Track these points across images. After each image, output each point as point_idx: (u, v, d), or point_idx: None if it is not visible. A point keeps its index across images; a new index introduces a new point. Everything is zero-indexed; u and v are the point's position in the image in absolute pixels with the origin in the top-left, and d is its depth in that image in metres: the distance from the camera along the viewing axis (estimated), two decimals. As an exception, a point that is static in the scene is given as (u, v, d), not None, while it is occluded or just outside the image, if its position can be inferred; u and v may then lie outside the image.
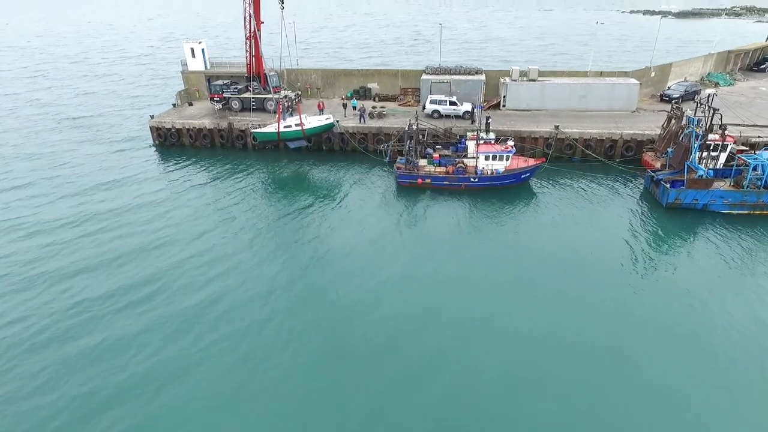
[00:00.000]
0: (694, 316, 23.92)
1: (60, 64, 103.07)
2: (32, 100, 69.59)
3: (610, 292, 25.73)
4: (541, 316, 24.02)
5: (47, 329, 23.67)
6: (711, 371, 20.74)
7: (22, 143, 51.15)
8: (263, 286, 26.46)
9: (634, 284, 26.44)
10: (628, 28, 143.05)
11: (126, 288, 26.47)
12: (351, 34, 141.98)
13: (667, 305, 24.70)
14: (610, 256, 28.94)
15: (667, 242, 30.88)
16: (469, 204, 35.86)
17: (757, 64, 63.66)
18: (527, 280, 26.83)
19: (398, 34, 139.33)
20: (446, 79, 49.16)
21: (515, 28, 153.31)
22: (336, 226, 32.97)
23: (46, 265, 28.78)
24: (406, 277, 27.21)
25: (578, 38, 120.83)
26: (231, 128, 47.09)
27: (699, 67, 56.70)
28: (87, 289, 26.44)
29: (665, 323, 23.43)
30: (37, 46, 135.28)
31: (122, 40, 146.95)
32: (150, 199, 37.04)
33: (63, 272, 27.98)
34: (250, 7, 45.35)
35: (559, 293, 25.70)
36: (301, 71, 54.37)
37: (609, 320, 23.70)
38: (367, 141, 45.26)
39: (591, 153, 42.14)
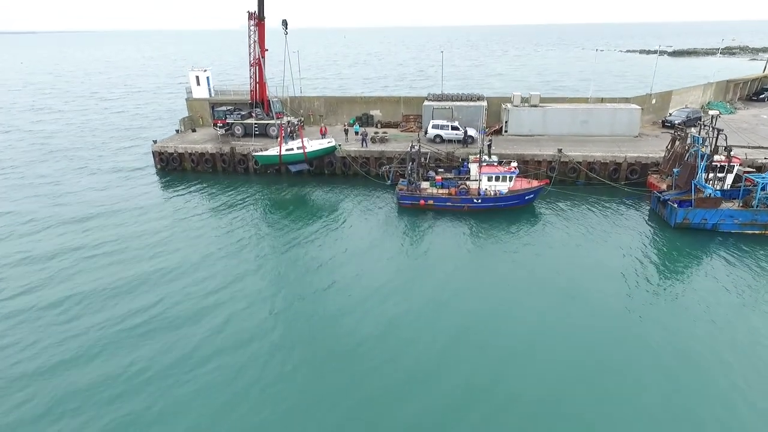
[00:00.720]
0: (711, 339, 22.60)
1: (67, 97, 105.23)
2: (39, 131, 70.50)
3: (621, 313, 24.45)
4: (550, 337, 22.78)
5: (42, 354, 22.52)
6: (729, 396, 19.41)
7: (26, 169, 51.22)
8: (266, 309, 25.25)
9: (645, 306, 25.17)
10: (626, 65, 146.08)
11: (125, 312, 25.26)
12: (355, 71, 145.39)
13: (682, 327, 23.40)
14: (619, 276, 27.81)
15: (678, 262, 29.86)
16: (473, 225, 35.07)
17: (756, 94, 64.18)
18: (534, 301, 25.69)
19: (402, 71, 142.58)
20: (448, 105, 49.46)
21: (515, 65, 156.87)
22: (337, 247, 32.06)
23: (45, 288, 27.76)
24: (408, 298, 26.10)
25: (578, 74, 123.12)
26: (233, 152, 47.07)
27: (699, 96, 57.10)
28: (85, 313, 25.32)
29: (680, 345, 22.13)
30: (48, 81, 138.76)
31: (131, 75, 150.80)
32: (150, 223, 36.14)
33: (61, 296, 26.86)
34: (255, 34, 46.24)
35: (568, 313, 24.54)
36: (304, 99, 54.93)
37: (621, 343, 22.29)
38: (369, 165, 45.07)
39: (595, 176, 41.76)
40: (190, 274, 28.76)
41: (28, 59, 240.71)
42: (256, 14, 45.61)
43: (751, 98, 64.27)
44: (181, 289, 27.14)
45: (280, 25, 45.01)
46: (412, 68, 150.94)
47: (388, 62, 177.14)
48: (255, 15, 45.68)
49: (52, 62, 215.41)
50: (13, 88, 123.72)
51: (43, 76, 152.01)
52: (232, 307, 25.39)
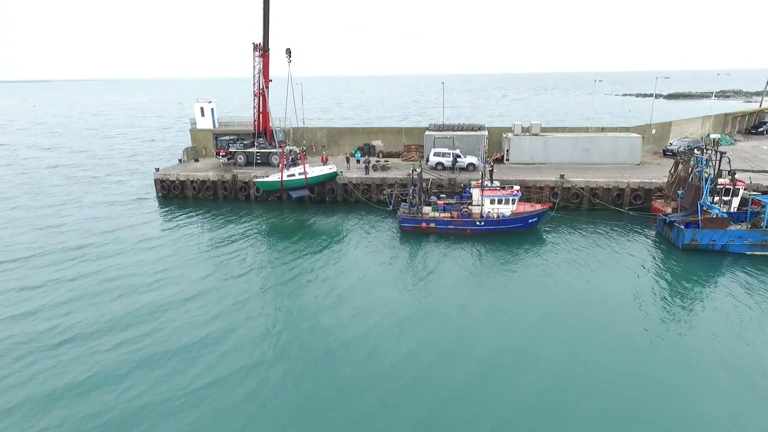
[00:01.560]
0: (727, 363, 21.39)
1: (74, 134, 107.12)
2: (45, 163, 71.19)
3: (633, 338, 23.07)
4: (557, 363, 21.44)
5: (37, 378, 21.36)
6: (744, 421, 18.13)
7: (28, 198, 51.21)
8: (270, 335, 24.04)
9: (657, 329, 23.92)
10: (624, 106, 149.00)
11: (124, 338, 24.06)
12: (359, 113, 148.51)
13: (697, 350, 22.14)
14: (630, 299, 26.64)
15: (690, 284, 28.81)
16: (476, 249, 34.27)
17: (755, 127, 64.75)
18: (541, 325, 24.41)
19: (404, 111, 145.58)
20: (449, 135, 49.84)
21: (515, 107, 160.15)
22: (340, 271, 31.04)
23: (43, 314, 26.64)
24: (410, 321, 24.95)
25: (578, 113, 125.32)
26: (234, 180, 47.07)
27: (698, 127, 57.58)
28: (84, 338, 24.15)
29: (697, 369, 20.95)
30: (57, 121, 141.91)
31: (137, 116, 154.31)
32: (150, 250, 35.09)
33: (59, 322, 25.79)
34: (260, 65, 47.30)
35: (577, 338, 23.27)
36: (307, 129, 55.58)
37: (634, 370, 20.93)
38: (370, 191, 44.88)
39: (599, 201, 41.37)
40: (192, 300, 27.49)
41: (40, 103, 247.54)
42: (261, 46, 46.87)
43: (749, 131, 64.79)
44: (182, 316, 25.90)
45: (284, 53, 46.10)
46: (413, 109, 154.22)
47: (390, 105, 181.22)
48: (260, 46, 46.94)
49: (62, 106, 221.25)
50: (23, 127, 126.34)
51: (53, 117, 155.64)
52: (235, 334, 24.05)
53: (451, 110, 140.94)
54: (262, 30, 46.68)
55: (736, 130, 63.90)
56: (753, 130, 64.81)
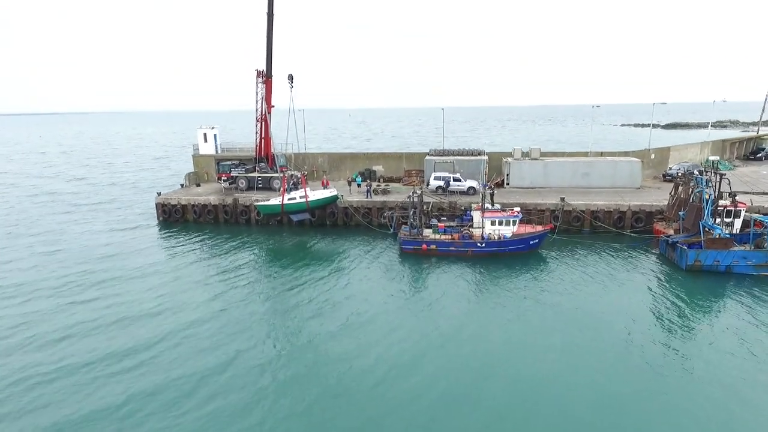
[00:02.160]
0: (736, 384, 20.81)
1: (78, 163, 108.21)
2: (47, 190, 71.57)
3: (641, 359, 22.53)
4: (562, 383, 20.91)
5: (36, 389, 21.13)
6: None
7: (30, 222, 51.28)
8: (270, 355, 23.59)
9: (665, 350, 23.40)
10: (621, 135, 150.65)
11: (120, 354, 23.77)
12: (360, 142, 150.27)
13: (707, 372, 21.61)
14: (634, 321, 26.11)
15: (695, 305, 28.32)
16: (477, 270, 33.90)
17: (753, 153, 65.20)
18: (546, 347, 23.87)
19: (405, 141, 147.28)
20: (449, 160, 50.22)
21: (515, 136, 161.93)
22: (341, 293, 30.62)
23: (41, 327, 26.58)
24: (415, 345, 24.37)
25: (578, 141, 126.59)
26: (236, 204, 47.16)
27: (697, 153, 57.99)
28: (81, 354, 23.89)
29: (706, 390, 20.40)
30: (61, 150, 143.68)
31: (141, 146, 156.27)
32: (150, 274, 34.81)
33: (58, 336, 25.63)
34: (262, 91, 48.16)
35: (583, 359, 22.79)
36: (308, 155, 56.05)
37: (642, 390, 20.41)
38: (371, 215, 44.86)
39: (600, 224, 41.24)
40: (194, 326, 26.76)
41: (47, 134, 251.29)
42: (264, 72, 47.86)
43: (748, 157, 65.21)
44: (184, 342, 25.23)
45: (286, 79, 46.99)
46: (414, 139, 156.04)
47: (391, 135, 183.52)
48: (263, 73, 47.92)
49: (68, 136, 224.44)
50: (28, 155, 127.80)
51: (58, 147, 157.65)
52: (239, 360, 23.30)
53: (451, 139, 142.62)
54: (265, 57, 47.77)
55: (735, 156, 64.32)
56: (751, 155, 65.25)
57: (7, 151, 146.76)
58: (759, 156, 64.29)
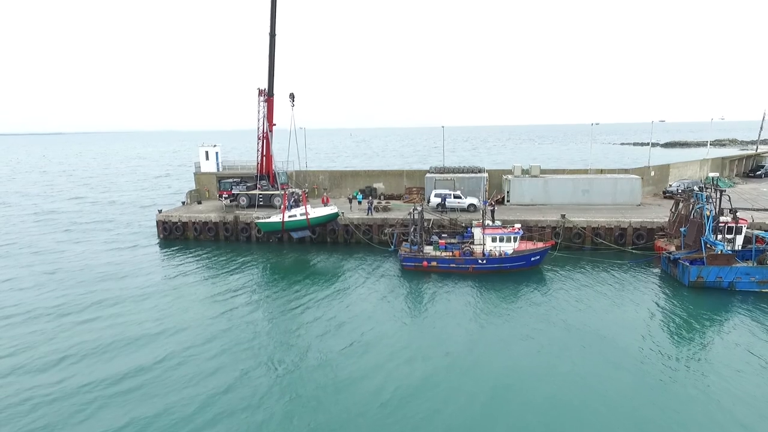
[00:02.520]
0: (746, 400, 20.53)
1: (80, 181, 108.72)
2: (50, 210, 71.75)
3: (646, 376, 22.20)
4: (566, 402, 20.52)
5: (35, 412, 20.72)
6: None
7: (30, 240, 51.27)
8: (271, 374, 23.21)
9: (671, 367, 23.05)
10: (621, 154, 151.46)
11: (121, 375, 23.25)
12: (362, 161, 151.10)
13: (714, 390, 21.24)
14: (638, 339, 25.72)
15: (700, 322, 27.98)
16: (479, 287, 33.64)
17: (753, 171, 65.41)
18: (550, 365, 23.48)
19: (406, 160, 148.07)
20: (450, 177, 50.39)
21: (517, 155, 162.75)
22: (342, 311, 30.21)
23: (41, 347, 26.20)
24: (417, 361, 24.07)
25: (579, 159, 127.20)
26: (236, 221, 47.18)
27: (696, 170, 58.18)
28: (81, 375, 23.45)
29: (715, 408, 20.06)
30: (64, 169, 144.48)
31: (143, 165, 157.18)
32: (148, 292, 34.42)
33: (58, 357, 25.20)
34: (264, 109, 48.64)
35: (587, 376, 22.43)
36: (309, 173, 56.29)
37: (659, 413, 19.93)
38: (372, 232, 44.82)
39: (602, 241, 41.13)
40: (193, 339, 26.70)
41: (51, 153, 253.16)
42: (266, 91, 48.42)
43: (748, 174, 65.40)
44: (182, 352, 25.17)
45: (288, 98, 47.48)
46: (414, 158, 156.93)
47: (391, 154, 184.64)
48: (265, 92, 48.48)
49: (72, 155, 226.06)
50: (31, 173, 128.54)
51: (59, 166, 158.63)
52: (239, 374, 23.13)
53: (452, 157, 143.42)
54: (267, 76, 48.39)
55: (734, 173, 64.51)
56: (751, 173, 65.46)
57: (9, 171, 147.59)
58: (759, 173, 64.49)
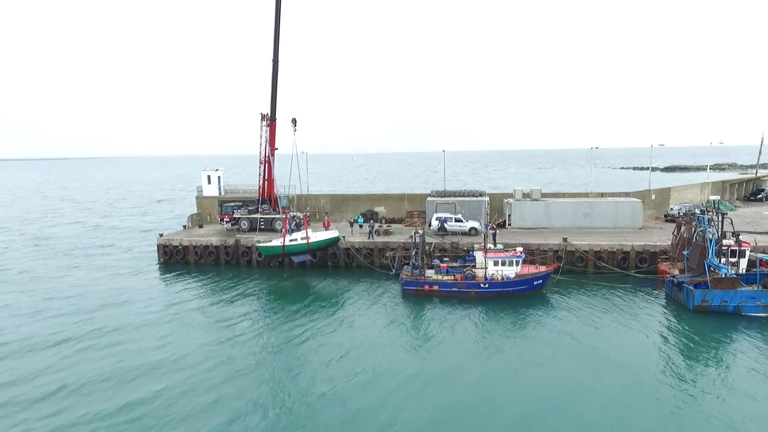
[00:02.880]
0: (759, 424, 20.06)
1: (83, 206, 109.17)
2: (51, 235, 71.84)
3: (654, 404, 21.76)
4: (573, 429, 20.13)
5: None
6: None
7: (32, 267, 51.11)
8: (273, 402, 22.79)
9: (679, 393, 22.64)
10: (621, 178, 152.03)
11: (123, 406, 22.73)
12: (363, 185, 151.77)
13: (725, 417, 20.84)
14: (645, 365, 25.30)
15: (707, 348, 27.47)
16: (481, 312, 33.20)
17: (753, 194, 65.47)
18: (555, 393, 23.06)
19: (409, 184, 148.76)
20: (451, 201, 50.49)
21: (519, 179, 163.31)
22: (344, 336, 29.83)
23: (39, 380, 25.63)
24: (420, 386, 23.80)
25: (580, 183, 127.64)
26: (237, 245, 47.09)
27: (697, 194, 58.24)
28: (82, 405, 22.99)
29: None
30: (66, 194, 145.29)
31: (148, 189, 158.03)
32: (147, 320, 33.76)
33: (57, 386, 24.72)
34: (266, 134, 49.12)
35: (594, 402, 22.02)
36: (311, 196, 56.48)
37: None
38: (373, 255, 44.62)
39: (604, 264, 40.86)
40: (194, 368, 26.19)
41: (55, 178, 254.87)
42: (269, 116, 48.99)
43: (749, 198, 65.41)
44: (185, 381, 24.71)
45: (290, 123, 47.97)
46: (416, 183, 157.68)
47: (393, 178, 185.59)
48: (267, 116, 49.05)
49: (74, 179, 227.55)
50: (30, 198, 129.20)
51: (63, 191, 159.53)
52: (244, 406, 22.54)
53: (453, 181, 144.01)
54: (270, 102, 49.03)
55: (735, 197, 64.55)
56: (752, 197, 65.49)
57: (10, 195, 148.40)
58: (760, 197, 64.52)
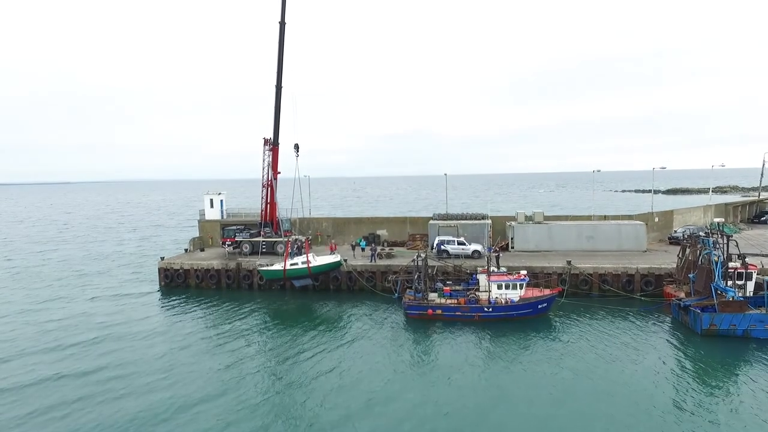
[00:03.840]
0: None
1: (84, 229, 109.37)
2: (51, 259, 71.74)
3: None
4: None
5: None
6: None
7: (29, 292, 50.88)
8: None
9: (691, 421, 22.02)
10: (623, 201, 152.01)
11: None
12: (364, 208, 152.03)
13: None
14: (654, 392, 24.64)
15: (717, 374, 26.80)
16: (485, 337, 32.66)
17: (757, 217, 65.21)
18: (560, 421, 22.49)
19: (412, 206, 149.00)
20: (453, 224, 50.37)
21: (521, 203, 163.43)
22: (352, 369, 28.62)
23: (36, 403, 25.31)
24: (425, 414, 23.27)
25: (582, 206, 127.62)
26: (239, 268, 46.86)
27: (700, 216, 58.01)
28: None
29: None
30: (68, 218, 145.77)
31: (150, 213, 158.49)
32: (146, 347, 33.04)
33: (59, 415, 24.17)
34: (269, 158, 49.45)
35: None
36: (313, 220, 56.48)
37: None
38: (375, 279, 44.29)
39: (609, 287, 40.42)
40: (199, 396, 25.50)
41: (58, 202, 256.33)
42: (271, 140, 49.42)
43: (752, 220, 65.13)
44: (190, 409, 24.08)
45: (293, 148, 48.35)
46: (419, 205, 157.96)
47: (396, 202, 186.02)
48: (270, 141, 49.47)
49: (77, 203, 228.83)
50: (37, 223, 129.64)
51: (67, 215, 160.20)
52: (244, 426, 22.17)
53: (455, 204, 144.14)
54: (273, 126, 49.52)
55: (738, 219, 64.27)
56: (755, 219, 65.21)
57: (15, 219, 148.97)
58: (764, 219, 64.24)
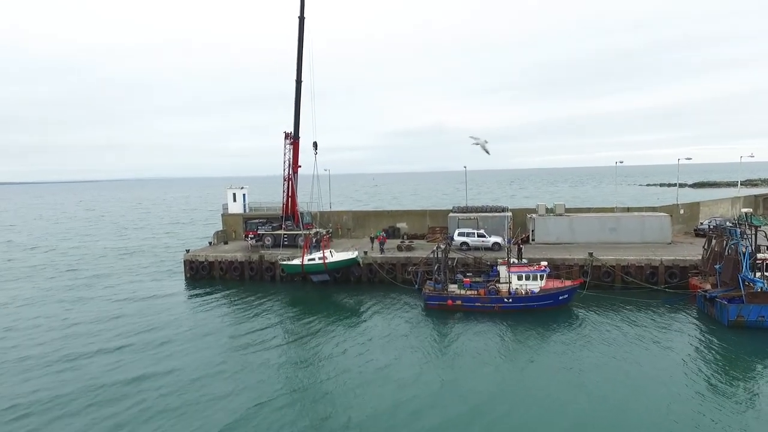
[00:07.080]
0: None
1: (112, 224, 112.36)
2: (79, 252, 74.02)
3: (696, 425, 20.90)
4: None
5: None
6: None
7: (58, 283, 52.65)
8: (295, 421, 22.50)
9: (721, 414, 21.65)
10: (648, 195, 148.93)
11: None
12: (384, 202, 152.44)
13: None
14: (682, 384, 24.25)
15: (745, 366, 26.27)
16: (505, 328, 32.62)
17: (789, 209, 63.20)
18: (587, 414, 22.21)
19: (433, 201, 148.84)
20: (473, 216, 50.29)
21: (540, 194, 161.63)
22: (376, 360, 28.69)
23: (64, 392, 26.28)
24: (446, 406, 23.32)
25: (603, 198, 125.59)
26: (261, 260, 47.72)
27: (728, 208, 56.63)
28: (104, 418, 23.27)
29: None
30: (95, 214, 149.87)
31: (173, 210, 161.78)
32: (173, 337, 33.56)
33: (84, 403, 24.75)
34: (290, 152, 50.12)
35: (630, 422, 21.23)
36: (333, 213, 57.01)
37: None
38: (395, 271, 44.60)
39: (632, 279, 39.89)
40: (228, 389, 25.65)
41: (86, 199, 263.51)
42: (292, 134, 50.08)
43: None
44: (216, 402, 24.41)
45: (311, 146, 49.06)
46: (437, 198, 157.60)
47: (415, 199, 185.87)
48: (290, 135, 50.13)
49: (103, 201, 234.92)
50: (67, 220, 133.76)
51: (93, 211, 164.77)
52: (269, 418, 22.50)
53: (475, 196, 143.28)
54: (293, 121, 50.15)
55: None
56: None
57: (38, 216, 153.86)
58: (795, 211, 62.28)
